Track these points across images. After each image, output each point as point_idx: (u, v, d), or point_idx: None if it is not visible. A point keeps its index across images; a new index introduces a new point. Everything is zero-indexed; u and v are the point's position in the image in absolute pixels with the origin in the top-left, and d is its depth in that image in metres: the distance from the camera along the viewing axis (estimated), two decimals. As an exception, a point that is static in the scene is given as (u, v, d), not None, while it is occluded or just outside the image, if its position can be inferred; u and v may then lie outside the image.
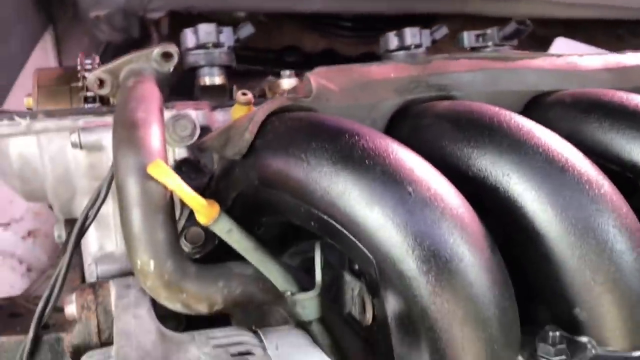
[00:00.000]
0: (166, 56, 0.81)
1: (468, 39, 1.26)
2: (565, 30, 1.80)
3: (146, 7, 1.55)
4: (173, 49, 0.81)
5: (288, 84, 1.00)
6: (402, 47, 1.22)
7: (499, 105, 0.74)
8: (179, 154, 0.81)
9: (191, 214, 0.79)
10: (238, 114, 0.81)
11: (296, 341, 0.69)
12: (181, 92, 1.02)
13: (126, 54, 0.85)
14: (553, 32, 1.77)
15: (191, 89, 1.07)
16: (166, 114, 0.83)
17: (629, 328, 0.63)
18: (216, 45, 1.10)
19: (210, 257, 0.81)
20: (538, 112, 0.81)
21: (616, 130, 0.73)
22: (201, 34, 1.08)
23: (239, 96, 0.82)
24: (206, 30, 1.09)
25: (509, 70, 0.82)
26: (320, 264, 0.74)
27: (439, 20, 1.34)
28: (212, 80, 1.10)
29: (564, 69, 0.84)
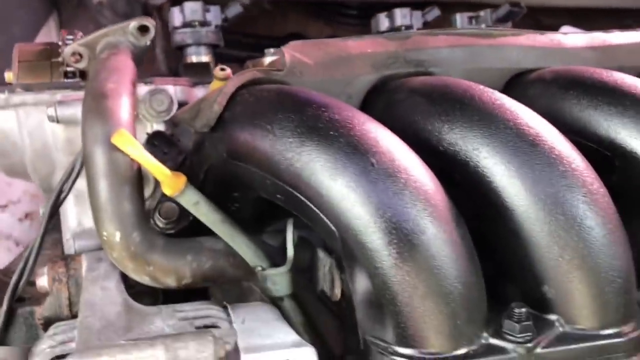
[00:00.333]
0: (142, 30, 0.81)
1: (461, 21, 1.25)
2: (571, 20, 1.78)
3: (148, -8, 1.55)
4: (149, 22, 0.81)
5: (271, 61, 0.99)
6: (392, 29, 1.21)
7: (479, 82, 0.73)
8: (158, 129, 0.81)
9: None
10: (216, 89, 0.80)
11: (264, 316, 0.69)
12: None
13: None
14: (559, 21, 1.74)
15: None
16: (144, 89, 0.83)
17: (598, 306, 0.62)
18: (203, 24, 1.10)
19: (186, 233, 0.80)
20: (519, 90, 0.80)
21: (594, 107, 0.71)
22: (187, 12, 1.08)
23: (217, 71, 0.82)
24: (192, 8, 1.09)
25: (490, 47, 0.81)
26: (292, 240, 0.73)
27: (439, 6, 1.32)
28: (199, 59, 1.10)
29: (547, 46, 0.83)
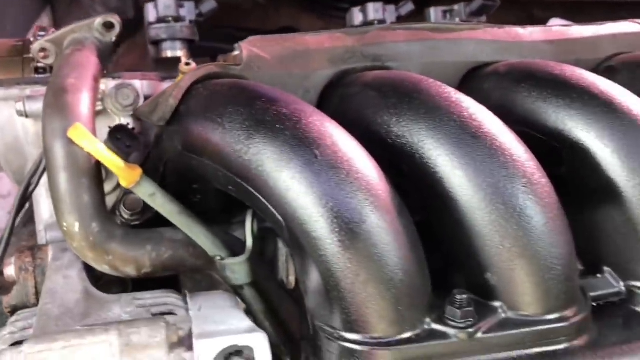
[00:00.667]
0: (108, 26, 0.83)
1: (435, 15, 1.27)
2: (565, 13, 1.77)
3: (140, -13, 1.57)
4: (115, 19, 0.83)
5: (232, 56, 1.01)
6: (365, 23, 1.23)
7: (436, 76, 0.75)
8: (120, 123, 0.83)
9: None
10: (181, 84, 0.82)
11: (221, 303, 0.71)
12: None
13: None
14: (553, 14, 1.74)
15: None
16: (111, 83, 0.85)
17: (539, 292, 0.64)
18: (177, 19, 1.12)
19: (151, 225, 0.82)
20: (475, 83, 0.82)
21: (543, 99, 0.73)
22: (161, 7, 1.10)
23: (182, 66, 0.84)
24: (166, 3, 1.11)
25: (448, 41, 0.82)
26: (252, 230, 0.75)
27: (414, 0, 1.33)
28: (175, 54, 1.12)
29: (505, 40, 0.85)
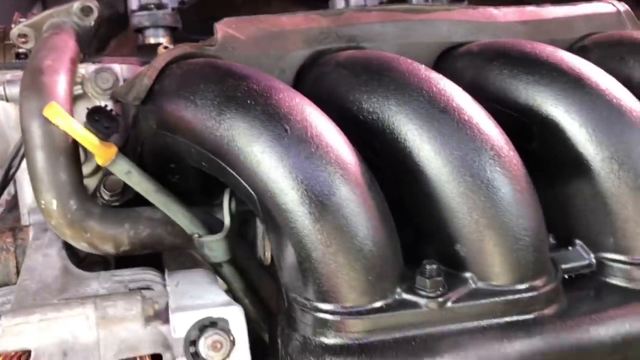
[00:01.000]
0: (85, 10, 0.84)
1: (417, -1, 1.27)
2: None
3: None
4: (93, 3, 0.84)
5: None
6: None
7: (411, 57, 0.76)
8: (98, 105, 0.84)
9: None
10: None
11: (199, 279, 0.72)
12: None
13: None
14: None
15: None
16: (90, 67, 0.86)
17: (508, 263, 0.65)
18: (159, 7, 1.13)
19: (131, 206, 0.83)
20: (448, 63, 0.83)
21: (514, 77, 0.75)
22: (142, -5, 1.11)
23: (160, 49, 0.85)
24: (147, -9, 1.11)
25: (422, 22, 0.84)
26: (229, 209, 0.77)
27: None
28: (157, 41, 1.13)
29: (478, 20, 0.86)
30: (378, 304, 0.62)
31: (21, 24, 0.85)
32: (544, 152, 0.74)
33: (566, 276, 0.72)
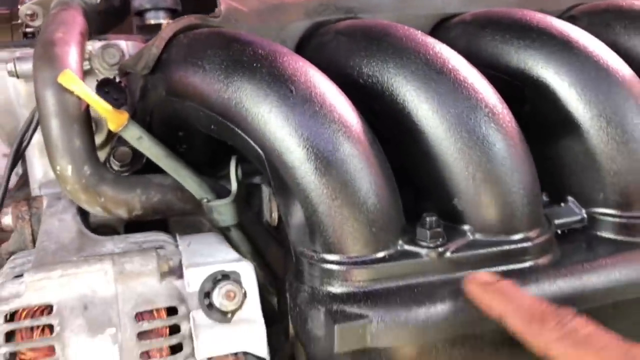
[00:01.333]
0: (92, -13, 0.87)
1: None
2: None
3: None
4: (99, -20, 0.87)
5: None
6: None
7: (406, 27, 0.79)
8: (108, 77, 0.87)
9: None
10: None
11: (209, 241, 0.76)
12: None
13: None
14: None
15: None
16: (97, 44, 0.89)
17: (503, 215, 0.68)
18: (160, -11, 1.16)
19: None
20: (442, 33, 0.86)
21: (505, 42, 0.78)
22: (143, -23, 1.14)
23: (164, 26, 0.88)
24: (148, -27, 1.14)
25: (417, -6, 0.87)
26: (235, 174, 0.80)
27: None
28: (158, 22, 1.16)
29: (471, -8, 0.89)
30: (381, 254, 0.66)
31: (29, 2, 0.87)
32: (535, 114, 0.77)
33: (559, 231, 0.76)
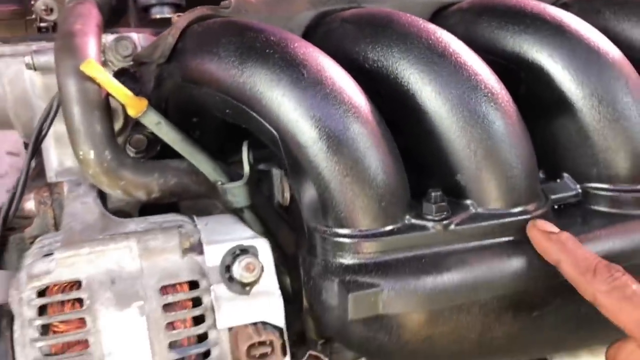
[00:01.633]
0: (105, -18, 0.90)
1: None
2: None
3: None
4: (112, -25, 0.90)
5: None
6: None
7: (407, 15, 0.83)
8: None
9: (137, 123, 0.90)
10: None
11: (225, 220, 0.80)
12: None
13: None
14: None
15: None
16: (110, 37, 0.92)
17: (504, 189, 0.73)
18: (164, -16, 1.19)
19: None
20: (440, 21, 0.90)
21: (501, 27, 0.82)
22: (148, -27, 1.17)
23: (175, 18, 0.91)
24: (153, -31, 1.17)
25: (416, -17, 0.91)
26: (247, 157, 0.84)
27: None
28: (163, 17, 1.19)
29: (467, -19, 0.93)
30: (390, 228, 0.70)
31: (44, -3, 0.91)
32: (531, 95, 0.81)
33: (555, 206, 0.80)
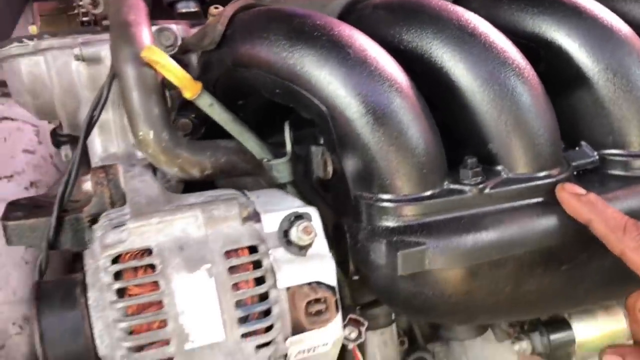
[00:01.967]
0: (148, -23, 0.96)
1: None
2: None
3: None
4: (154, -30, 0.96)
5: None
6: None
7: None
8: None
9: (180, 108, 0.96)
10: (212, 24, 0.96)
11: (274, 193, 0.86)
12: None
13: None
14: None
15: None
16: (152, 28, 0.98)
17: (531, 155, 0.79)
18: (189, -20, 1.25)
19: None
20: (463, 4, 0.97)
21: (521, 10, 0.89)
22: (175, -31, 1.23)
23: (212, 9, 0.98)
24: (179, -35, 1.23)
25: (438, -28, 0.97)
26: (290, 136, 0.90)
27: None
28: (188, 11, 1.25)
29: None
30: (430, 192, 0.76)
31: (90, -9, 0.97)
32: (550, 72, 0.88)
33: (575, 172, 0.87)
